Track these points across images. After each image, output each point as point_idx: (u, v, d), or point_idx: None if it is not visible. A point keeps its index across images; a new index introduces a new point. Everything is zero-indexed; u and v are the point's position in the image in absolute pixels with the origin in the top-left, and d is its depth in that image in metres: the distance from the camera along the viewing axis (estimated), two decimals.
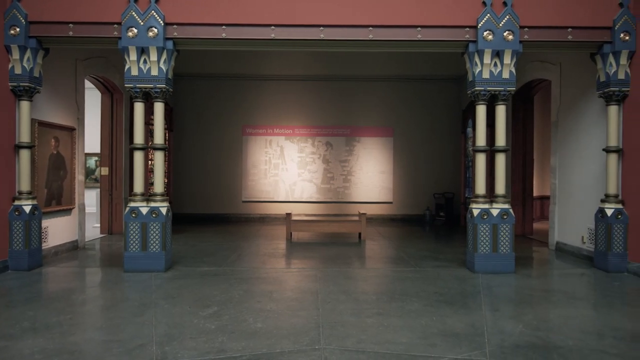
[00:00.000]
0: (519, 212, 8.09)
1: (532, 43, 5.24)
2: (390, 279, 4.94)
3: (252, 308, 3.75)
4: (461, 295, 4.23)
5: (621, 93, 5.26)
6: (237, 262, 5.68)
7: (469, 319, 3.49)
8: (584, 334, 3.24)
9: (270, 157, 11.10)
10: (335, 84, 11.10)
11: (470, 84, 5.32)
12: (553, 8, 5.18)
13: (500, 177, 5.32)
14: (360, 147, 11.16)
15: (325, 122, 11.13)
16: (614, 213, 5.22)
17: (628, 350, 2.94)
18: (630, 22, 5.15)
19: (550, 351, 2.89)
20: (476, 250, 5.12)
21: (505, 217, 5.13)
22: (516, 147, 8.29)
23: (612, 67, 5.25)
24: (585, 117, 6.16)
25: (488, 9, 5.07)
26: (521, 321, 3.48)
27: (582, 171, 6.21)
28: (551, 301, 4.13)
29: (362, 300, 4.03)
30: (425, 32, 5.21)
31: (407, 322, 3.40)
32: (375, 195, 11.14)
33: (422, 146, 11.19)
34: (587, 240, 5.98)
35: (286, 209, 10.11)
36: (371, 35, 5.21)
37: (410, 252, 6.51)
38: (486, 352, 2.85)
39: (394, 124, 11.17)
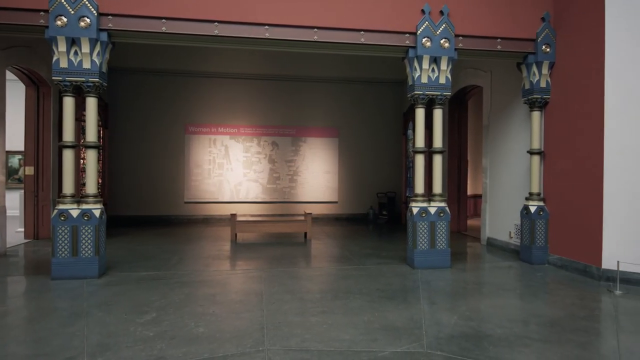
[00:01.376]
0: (454, 210, 8.58)
1: (466, 51, 5.58)
2: (335, 277, 5.02)
3: (193, 312, 3.64)
4: (402, 290, 4.40)
5: (543, 100, 5.76)
6: (178, 266, 5.47)
7: (409, 313, 3.65)
8: (511, 322, 3.51)
9: (214, 156, 10.82)
10: (282, 84, 11.07)
11: (410, 88, 5.55)
12: (484, 19, 5.55)
13: (438, 177, 5.60)
14: (306, 147, 11.22)
15: (271, 122, 11.06)
16: (536, 210, 5.72)
17: (549, 335, 3.24)
18: (550, 35, 5.66)
19: (481, 340, 3.10)
20: (415, 247, 5.36)
21: (442, 215, 5.41)
22: (452, 148, 8.78)
23: (535, 76, 5.73)
24: (512, 121, 6.67)
25: (426, 17, 5.32)
26: (456, 313, 3.69)
27: (509, 171, 6.72)
28: (482, 293, 4.43)
29: (306, 299, 4.06)
30: (369, 36, 5.35)
31: (351, 319, 3.48)
32: (320, 195, 11.26)
33: (366, 147, 11.49)
34: (513, 235, 6.49)
35: (231, 210, 9.94)
36: (316, 36, 5.26)
37: (354, 251, 6.67)
38: (424, 343, 3.00)
39: (339, 125, 11.36)
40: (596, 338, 3.24)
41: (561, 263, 5.46)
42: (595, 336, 3.26)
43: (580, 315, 3.69)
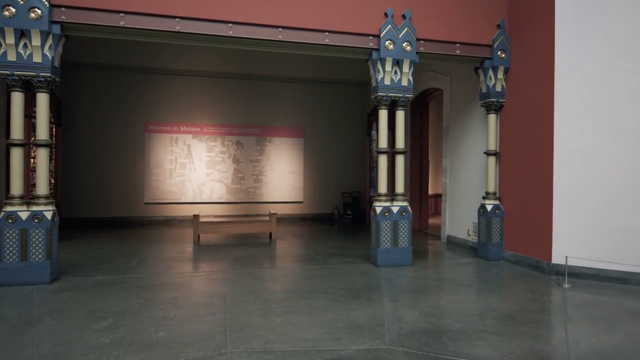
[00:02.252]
0: (416, 209, 8.82)
1: (427, 55, 5.74)
2: (300, 277, 5.03)
3: (153, 317, 3.53)
4: (365, 289, 4.47)
5: (499, 103, 6.03)
6: (137, 269, 5.29)
7: (372, 311, 3.71)
8: (468, 316, 3.65)
9: (176, 156, 10.53)
10: (247, 83, 10.95)
11: (373, 90, 5.65)
12: (444, 25, 5.73)
13: (400, 177, 5.73)
14: (272, 147, 11.16)
15: (235, 121, 10.90)
16: (492, 208, 5.97)
17: (503, 328, 3.39)
18: (505, 41, 5.93)
19: (440, 334, 3.20)
20: (379, 245, 5.45)
21: (404, 214, 5.55)
22: (414, 149, 9.01)
23: (491, 80, 5.99)
24: (470, 123, 6.93)
25: (389, 20, 5.43)
26: (417, 309, 3.80)
27: (468, 172, 6.98)
28: (442, 289, 4.58)
29: (271, 300, 4.04)
30: (333, 37, 5.40)
31: (315, 319, 3.50)
32: (286, 195, 11.23)
33: (331, 147, 11.58)
34: (471, 233, 6.75)
35: (194, 211, 9.73)
36: (281, 36, 5.25)
37: (319, 250, 6.70)
38: (386, 340, 3.06)
39: (305, 125, 11.37)
40: (547, 330, 3.42)
41: (515, 259, 5.74)
42: (545, 328, 3.45)
43: (532, 308, 3.89)
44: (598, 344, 3.05)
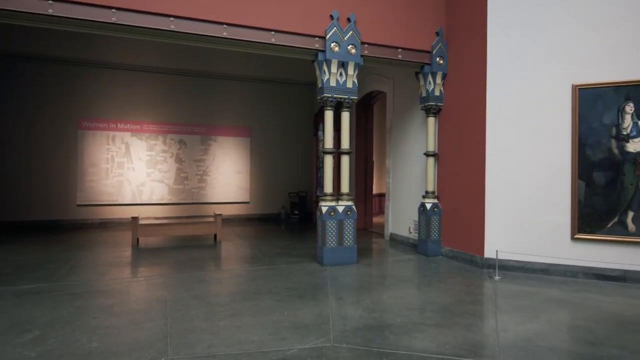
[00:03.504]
0: (361, 208, 9.04)
1: (371, 58, 5.90)
2: (245, 278, 4.96)
3: (86, 326, 3.31)
4: (311, 288, 4.51)
5: (437, 107, 6.34)
6: (69, 276, 4.93)
7: (317, 310, 3.75)
8: (409, 310, 3.80)
9: (113, 154, 9.94)
10: (191, 80, 10.59)
11: (319, 91, 5.71)
12: (387, 30, 5.93)
13: (345, 177, 5.85)
14: (217, 146, 10.89)
15: (178, 119, 10.50)
16: (431, 207, 6.28)
17: (441, 320, 3.58)
18: (443, 48, 6.25)
19: (383, 329, 3.31)
20: (324, 244, 5.53)
21: (349, 213, 5.66)
22: (359, 150, 9.23)
23: (430, 85, 6.28)
24: (411, 125, 7.22)
25: (335, 23, 5.52)
26: (360, 306, 3.90)
27: (409, 172, 7.27)
28: (385, 285, 4.74)
29: (214, 303, 3.95)
30: (279, 36, 5.38)
31: (260, 320, 3.47)
32: (232, 195, 11.01)
33: (278, 147, 11.53)
34: (412, 230, 7.05)
35: (133, 213, 9.24)
36: (225, 33, 5.14)
37: (265, 250, 6.65)
38: (330, 338, 3.11)
39: (251, 124, 11.22)
40: (479, 320, 3.66)
41: (452, 254, 6.07)
42: (478, 318, 3.68)
43: (467, 300, 4.14)
44: (524, 331, 3.32)
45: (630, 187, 4.75)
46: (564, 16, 5.09)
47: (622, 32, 4.81)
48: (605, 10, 4.89)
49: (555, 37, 5.15)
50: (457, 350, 2.94)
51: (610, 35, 4.87)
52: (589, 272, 4.93)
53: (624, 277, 4.77)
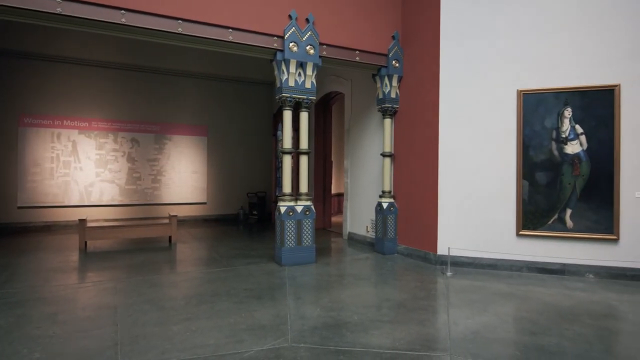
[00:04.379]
0: (320, 208, 9.09)
1: (329, 59, 5.95)
2: (201, 281, 4.84)
3: (28, 336, 3.10)
4: (269, 288, 4.48)
5: (393, 109, 6.50)
6: (8, 283, 4.59)
7: (275, 310, 3.74)
8: (366, 308, 3.88)
9: (58, 153, 9.37)
10: (144, 76, 10.19)
11: (278, 90, 5.68)
12: (346, 32, 6.01)
13: (304, 177, 5.86)
14: (172, 145, 10.55)
15: (131, 117, 10.07)
16: (388, 206, 6.43)
17: (396, 316, 3.67)
18: (399, 52, 6.42)
19: (340, 327, 3.36)
20: (283, 244, 5.51)
21: (308, 213, 5.68)
22: (318, 150, 9.28)
23: (387, 87, 6.44)
24: (369, 126, 7.36)
25: (293, 23, 5.52)
26: (319, 305, 3.92)
27: (367, 172, 7.41)
28: (343, 284, 4.79)
29: (169, 307, 3.83)
30: (237, 34, 5.30)
31: (216, 323, 3.41)
32: (188, 195, 10.71)
33: (236, 146, 11.35)
34: (370, 229, 7.19)
35: (80, 215, 8.76)
36: (180, 28, 5.00)
37: (223, 252, 6.53)
38: (288, 338, 3.11)
39: (208, 123, 10.97)
40: (432, 315, 3.79)
41: (407, 252, 6.26)
42: (432, 313, 3.82)
43: (421, 296, 4.28)
44: (473, 324, 3.48)
45: (569, 186, 5.11)
46: (511, 26, 5.39)
47: (561, 42, 5.17)
48: (546, 22, 5.23)
49: (502, 45, 5.44)
50: (411, 345, 3.04)
51: (551, 44, 5.21)
52: (532, 266, 5.25)
53: (563, 271, 5.13)
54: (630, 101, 4.89)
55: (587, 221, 5.04)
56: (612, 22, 4.98)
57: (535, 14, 5.29)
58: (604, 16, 5.01)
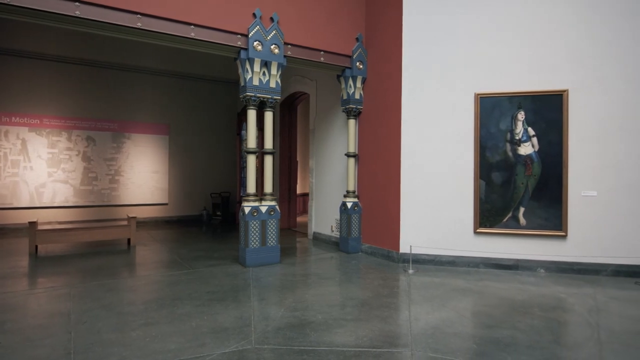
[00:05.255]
0: (285, 208, 9.07)
1: (294, 59, 5.95)
2: (162, 284, 4.70)
3: None
4: (232, 290, 4.42)
5: (357, 110, 6.59)
6: None
7: (239, 312, 3.69)
8: (330, 307, 3.91)
9: (6, 152, 8.82)
10: (101, 72, 9.77)
11: (242, 89, 5.62)
12: (310, 32, 6.03)
13: (269, 177, 5.83)
14: (131, 144, 10.18)
15: (86, 114, 9.63)
16: (352, 205, 6.51)
17: (360, 314, 3.73)
18: (363, 54, 6.51)
19: (304, 327, 3.36)
20: (247, 245, 5.45)
21: (273, 213, 5.65)
22: (283, 150, 9.25)
23: (351, 88, 6.51)
24: (334, 127, 7.42)
25: (257, 21, 5.47)
26: (283, 306, 3.91)
27: (332, 172, 7.47)
28: (307, 283, 4.81)
29: (127, 312, 3.69)
30: (200, 31, 5.19)
31: (177, 327, 3.33)
32: (148, 196, 10.37)
33: (200, 146, 11.11)
34: (334, 229, 7.25)
35: (31, 217, 8.28)
36: (140, 23, 4.83)
37: (185, 254, 6.37)
38: (252, 340, 3.09)
39: (170, 122, 10.67)
40: (395, 311, 3.87)
41: (371, 251, 6.36)
42: (394, 310, 3.90)
43: (384, 293, 4.37)
44: (433, 319, 3.59)
45: (522, 186, 5.37)
46: (470, 32, 5.60)
47: (514, 49, 5.43)
48: (500, 30, 5.48)
49: (461, 50, 5.64)
50: (374, 342, 3.09)
51: (505, 51, 5.46)
52: (489, 263, 5.48)
53: (517, 266, 5.39)
54: (577, 106, 5.21)
55: (538, 219, 5.32)
56: (561, 31, 5.28)
57: (491, 22, 5.52)
58: (553, 26, 5.30)
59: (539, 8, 5.35)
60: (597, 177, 5.16)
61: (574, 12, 5.25)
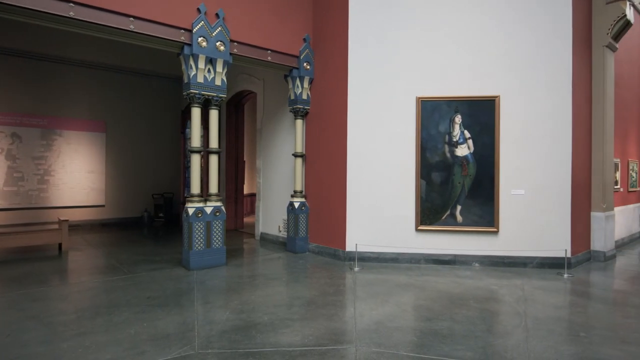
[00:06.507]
0: (231, 208, 8.90)
1: (241, 57, 5.86)
2: (97, 291, 4.43)
3: None
4: (175, 295, 4.27)
5: (304, 110, 6.62)
6: None
7: (181, 318, 3.57)
8: (277, 307, 3.90)
9: None
10: (28, 63, 8.98)
11: (186, 86, 5.44)
12: (258, 31, 5.96)
13: (214, 177, 5.69)
14: (63, 141, 9.47)
15: (9, 108, 8.81)
16: (299, 205, 6.54)
17: (306, 313, 3.75)
18: (310, 55, 6.56)
19: (250, 329, 3.33)
20: (191, 247, 5.29)
21: (218, 214, 5.53)
22: (230, 149, 9.07)
23: (298, 88, 6.53)
24: (281, 126, 7.41)
25: (202, 17, 5.32)
26: (228, 308, 3.84)
27: (279, 172, 7.44)
28: (254, 285, 4.76)
29: (57, 322, 3.44)
30: (140, 24, 4.95)
31: (114, 336, 3.15)
32: (82, 198, 9.70)
33: (141, 144, 10.58)
34: (282, 229, 7.24)
35: None
36: (72, 12, 4.51)
37: (123, 259, 6.05)
38: (195, 345, 3.00)
39: (107, 118, 10.05)
40: (340, 309, 3.95)
41: (318, 250, 6.43)
42: (340, 308, 3.97)
43: (330, 292, 4.43)
44: (377, 315, 3.70)
45: (459, 185, 5.69)
46: (413, 38, 5.83)
47: (452, 56, 5.74)
48: (440, 37, 5.77)
49: (405, 55, 5.86)
50: (320, 340, 3.13)
51: (444, 58, 5.76)
52: (429, 258, 5.75)
53: (454, 261, 5.70)
54: (507, 111, 5.61)
55: (473, 216, 5.67)
56: (492, 42, 5.66)
57: (432, 30, 5.79)
58: (486, 36, 5.68)
59: (475, 19, 5.70)
60: (524, 177, 5.60)
61: (500, 24, 5.65)
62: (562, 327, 3.49)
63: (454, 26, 5.74)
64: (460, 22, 5.72)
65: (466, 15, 5.71)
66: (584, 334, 3.32)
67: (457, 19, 5.73)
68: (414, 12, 5.82)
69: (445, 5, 5.76)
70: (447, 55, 5.75)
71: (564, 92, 5.58)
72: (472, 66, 5.69)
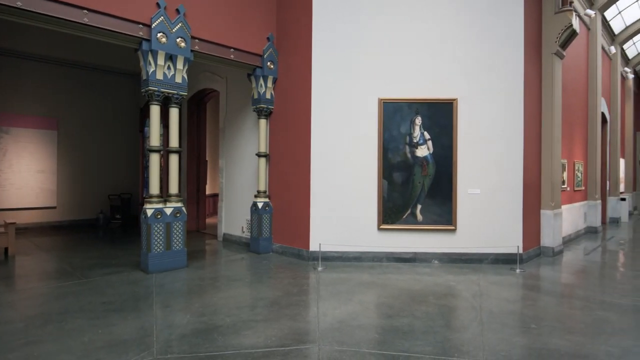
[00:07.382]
0: (193, 209, 8.70)
1: (202, 54, 5.74)
2: (47, 297, 4.19)
3: None
4: (133, 299, 4.12)
5: (268, 110, 6.58)
6: None
7: (139, 323, 3.45)
8: (239, 309, 3.85)
9: None
10: None
11: (144, 83, 5.26)
12: (221, 28, 5.86)
13: (174, 177, 5.54)
14: (10, 139, 8.90)
15: None
16: (263, 205, 6.49)
17: (269, 314, 3.73)
18: (274, 54, 6.52)
19: (212, 332, 3.27)
20: (150, 250, 5.12)
21: (178, 215, 5.38)
22: (191, 149, 8.86)
23: (262, 87, 6.48)
24: (245, 126, 7.32)
25: (162, 12, 5.16)
26: (189, 311, 3.76)
27: (242, 172, 7.35)
28: (216, 287, 4.67)
29: (3, 332, 3.22)
30: (94, 17, 4.74)
31: (66, 344, 3.00)
32: (31, 199, 9.15)
33: (96, 143, 10.12)
34: (245, 229, 7.16)
35: None
36: (20, 3, 4.25)
37: (76, 263, 5.76)
38: (154, 350, 2.91)
39: (59, 115, 9.54)
40: (304, 309, 3.95)
41: (282, 250, 6.40)
42: (303, 307, 3.98)
43: (293, 292, 4.43)
44: (339, 313, 3.74)
45: (419, 185, 5.86)
46: (375, 41, 5.93)
47: (412, 60, 5.89)
48: (401, 41, 5.90)
49: (368, 57, 5.95)
50: (283, 340, 3.12)
51: (405, 61, 5.90)
52: (391, 257, 5.88)
53: (415, 259, 5.86)
54: (464, 113, 5.83)
55: (433, 215, 5.85)
56: (452, 46, 5.87)
57: (395, 32, 5.92)
58: (445, 41, 5.87)
59: (434, 25, 5.88)
60: (481, 177, 5.84)
61: (459, 30, 5.87)
62: (514, 319, 3.67)
63: (415, 30, 5.89)
64: (422, 27, 5.89)
65: (427, 21, 5.88)
66: (534, 325, 3.51)
67: (418, 24, 5.89)
68: (377, 15, 5.93)
69: (407, 11, 5.90)
70: (408, 58, 5.89)
71: (517, 96, 5.88)
72: (432, 70, 5.87)
